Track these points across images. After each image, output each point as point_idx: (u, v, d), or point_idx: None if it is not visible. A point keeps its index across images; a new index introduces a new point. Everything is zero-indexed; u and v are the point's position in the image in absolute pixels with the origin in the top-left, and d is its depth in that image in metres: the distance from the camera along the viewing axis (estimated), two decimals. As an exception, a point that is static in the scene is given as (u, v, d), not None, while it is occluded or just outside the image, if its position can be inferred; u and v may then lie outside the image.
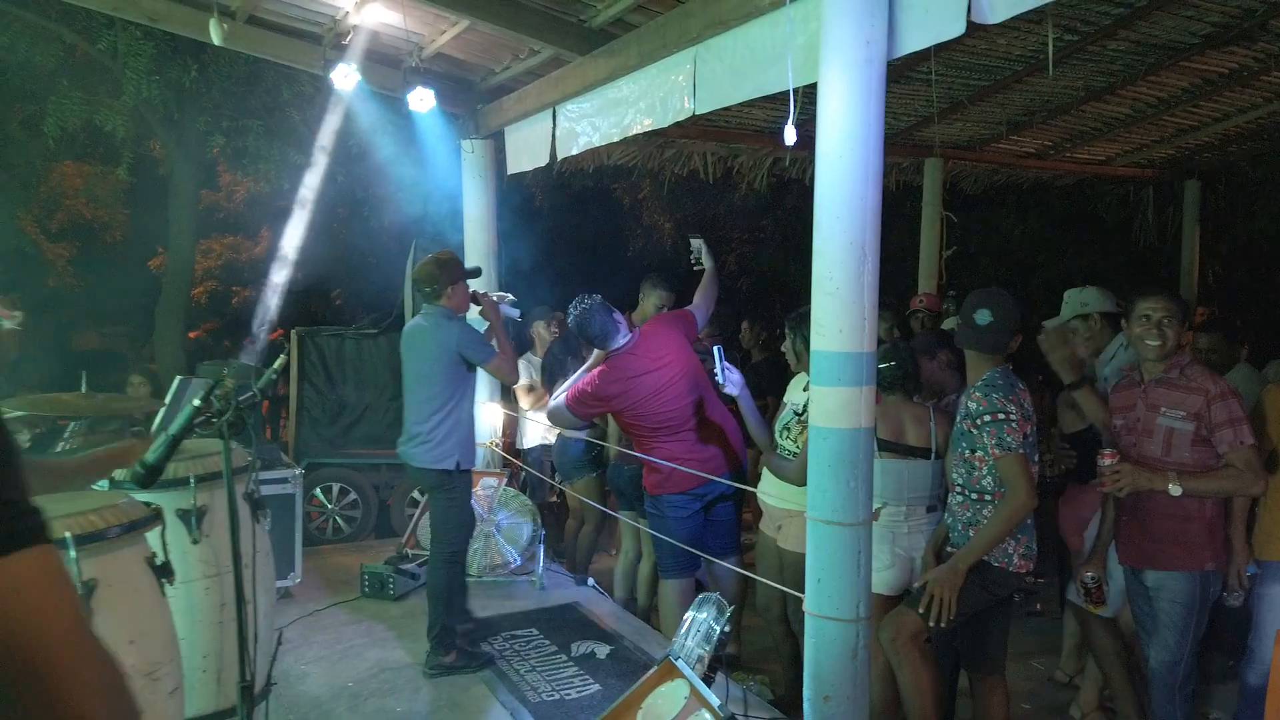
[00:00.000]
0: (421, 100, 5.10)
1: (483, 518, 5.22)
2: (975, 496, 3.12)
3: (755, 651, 4.55)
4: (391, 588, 4.95)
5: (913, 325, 5.97)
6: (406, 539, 5.58)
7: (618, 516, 5.13)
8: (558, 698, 3.78)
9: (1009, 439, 2.98)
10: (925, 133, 6.17)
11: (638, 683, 2.93)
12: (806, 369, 3.59)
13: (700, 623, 3.01)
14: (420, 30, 4.96)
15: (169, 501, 2.70)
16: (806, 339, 3.34)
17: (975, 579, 3.06)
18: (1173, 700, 3.08)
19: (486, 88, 5.61)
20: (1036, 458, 3.20)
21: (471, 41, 5.00)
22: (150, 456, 1.98)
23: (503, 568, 5.28)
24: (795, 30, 2.96)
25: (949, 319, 5.60)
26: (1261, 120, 5.68)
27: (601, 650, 4.21)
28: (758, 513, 4.17)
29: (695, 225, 12.26)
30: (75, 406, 3.69)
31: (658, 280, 4.89)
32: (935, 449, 3.44)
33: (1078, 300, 3.98)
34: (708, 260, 4.48)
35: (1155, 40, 4.42)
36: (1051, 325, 3.92)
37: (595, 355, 4.30)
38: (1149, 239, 8.24)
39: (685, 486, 4.07)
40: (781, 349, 3.95)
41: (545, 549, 5.34)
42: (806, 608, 2.89)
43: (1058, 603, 4.77)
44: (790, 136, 2.84)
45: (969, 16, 2.48)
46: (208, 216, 12.31)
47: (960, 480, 3.18)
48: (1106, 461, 3.04)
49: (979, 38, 4.26)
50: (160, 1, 4.91)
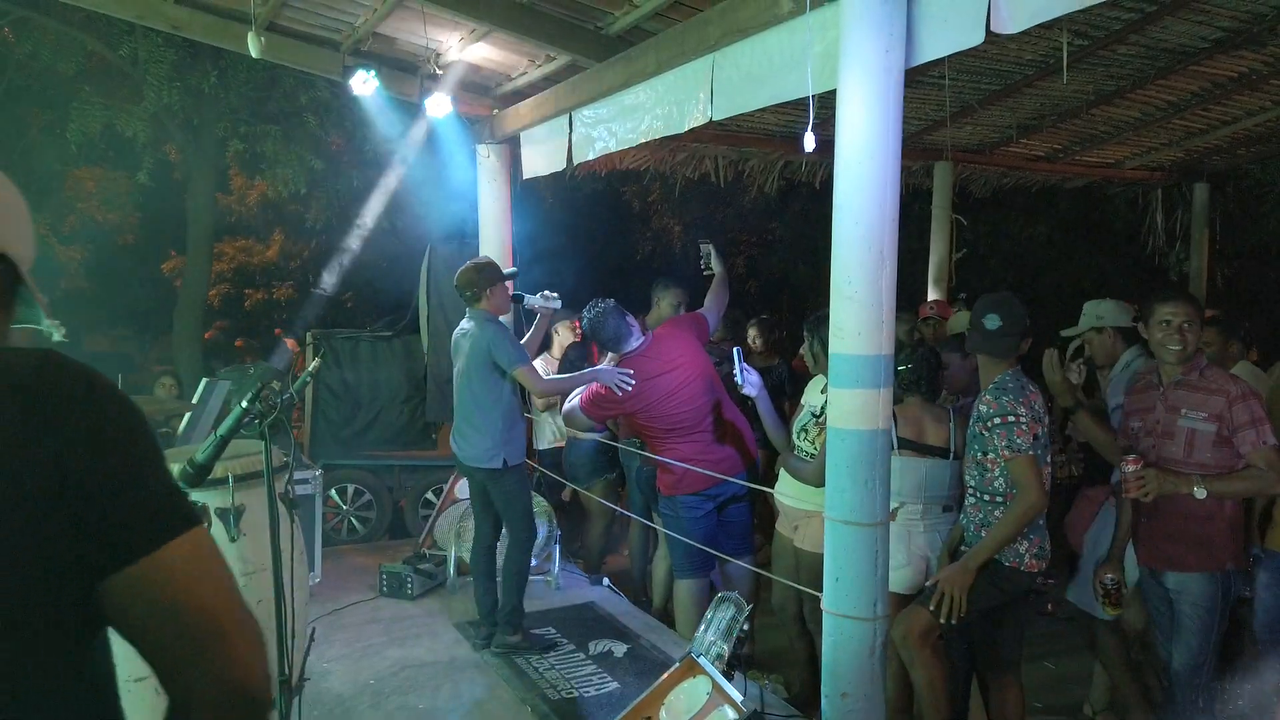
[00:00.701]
0: (438, 105, 5.17)
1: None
2: (987, 498, 3.16)
3: (768, 651, 4.59)
4: (410, 587, 5.01)
5: (923, 331, 5.99)
6: (424, 539, 5.64)
7: (633, 517, 5.19)
8: (576, 695, 3.83)
9: (1019, 441, 3.02)
10: (936, 136, 6.20)
11: (659, 679, 2.99)
12: (825, 371, 3.64)
13: (720, 621, 3.07)
14: (438, 37, 5.03)
15: (212, 500, 2.77)
16: (825, 341, 3.39)
17: (987, 578, 3.10)
18: (1196, 702, 3.10)
19: (503, 93, 5.66)
20: (1049, 459, 3.24)
21: (489, 48, 5.06)
22: (200, 456, 2.04)
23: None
24: (814, 38, 3.01)
25: (954, 320, 5.61)
26: (1271, 123, 5.71)
27: (619, 649, 4.26)
28: (771, 513, 4.22)
29: (705, 228, 12.30)
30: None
31: (669, 281, 4.97)
32: (954, 449, 3.48)
33: (1094, 313, 3.93)
34: (717, 265, 4.55)
35: (1165, 44, 4.46)
36: (1068, 334, 3.94)
37: (609, 359, 4.36)
38: (1158, 242, 8.26)
39: (699, 487, 4.13)
40: (800, 352, 4.00)
41: (560, 549, 5.39)
42: (825, 606, 2.94)
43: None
44: (810, 144, 2.89)
45: (988, 26, 2.53)
46: (221, 219, 12.40)
47: (973, 482, 3.22)
48: (1130, 468, 3.03)
49: (991, 43, 4.29)
50: (183, 9, 4.98)
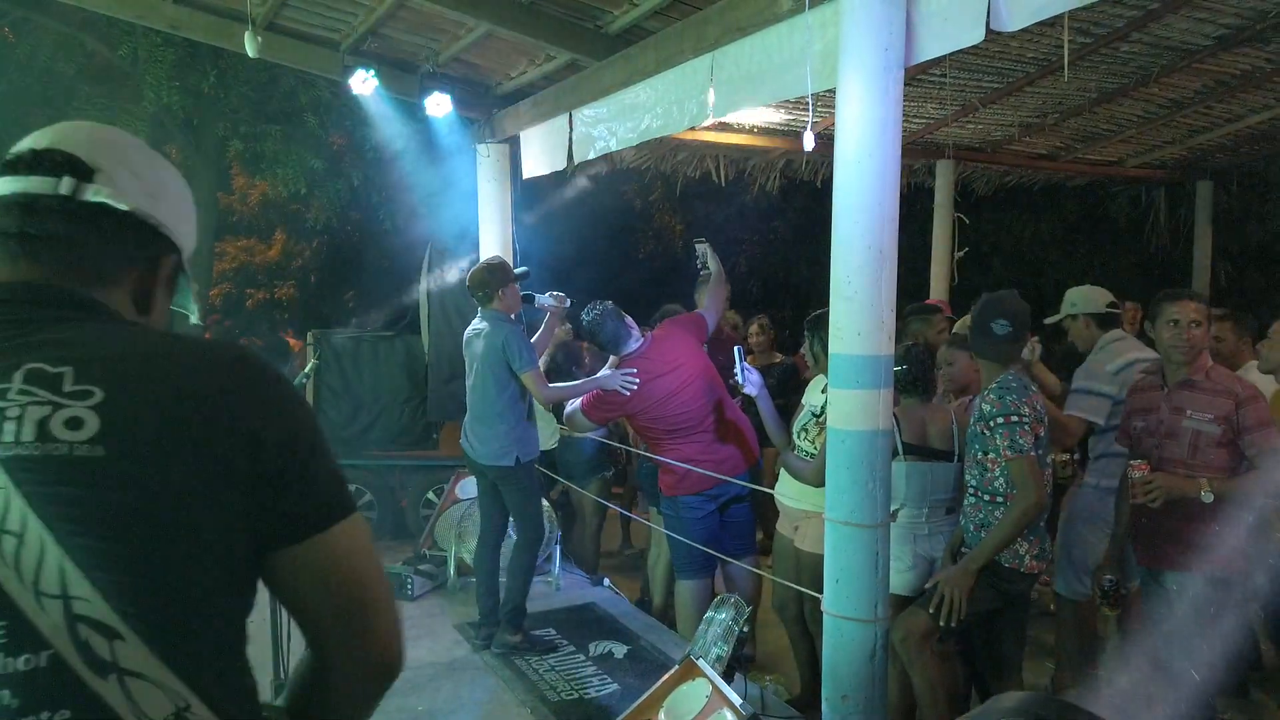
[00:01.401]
0: (438, 105, 5.16)
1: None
2: (988, 498, 3.14)
3: (769, 652, 4.58)
4: (409, 588, 4.99)
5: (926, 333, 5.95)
6: (424, 540, 5.63)
7: (632, 515, 5.18)
8: (577, 697, 3.82)
9: (1021, 441, 3.00)
10: (938, 135, 6.19)
11: (659, 682, 2.97)
12: (825, 371, 3.63)
13: (719, 622, 3.05)
14: (438, 35, 5.02)
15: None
16: (825, 341, 3.38)
17: (987, 580, 3.09)
18: (1198, 703, 3.09)
19: (503, 92, 5.65)
20: (1050, 460, 3.22)
21: (488, 47, 5.05)
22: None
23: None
24: (813, 37, 2.99)
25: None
26: (1274, 121, 5.68)
27: (619, 650, 4.25)
28: (774, 513, 4.21)
29: (706, 227, 12.29)
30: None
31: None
32: (958, 451, 3.46)
33: (1069, 300, 4.06)
34: (714, 263, 4.53)
35: (1168, 42, 4.44)
36: (1049, 321, 4.00)
37: (610, 361, 4.35)
38: (1161, 240, 8.24)
39: (700, 487, 4.11)
40: (801, 351, 3.99)
41: (561, 550, 5.38)
42: (825, 608, 2.92)
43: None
44: (809, 142, 2.88)
45: (988, 24, 2.51)
46: (222, 220, 12.40)
47: (974, 482, 3.20)
48: (1137, 473, 3.03)
49: (992, 41, 4.28)
50: (182, 9, 4.98)
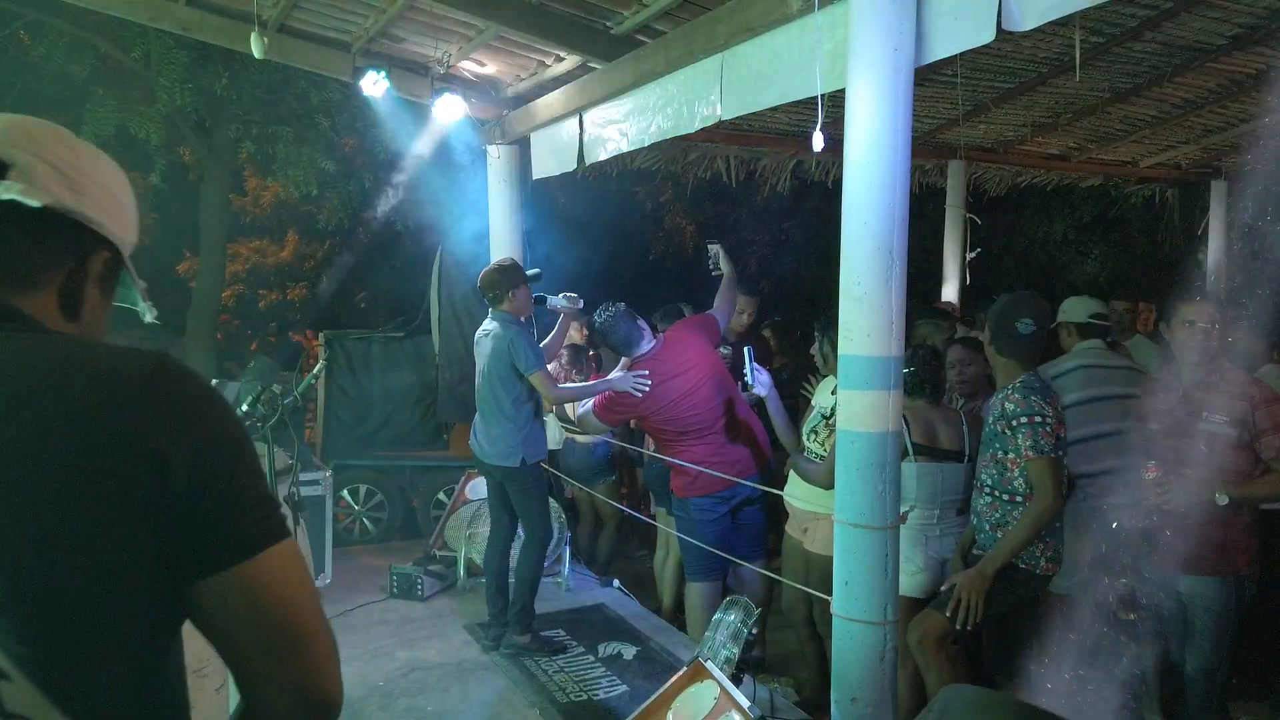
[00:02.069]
0: (449, 107, 5.17)
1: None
2: (1006, 498, 3.11)
3: (780, 654, 4.57)
4: (420, 589, 5.00)
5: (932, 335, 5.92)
6: (434, 540, 5.64)
7: (639, 517, 5.17)
8: (585, 698, 3.81)
9: (1043, 442, 2.97)
10: (949, 135, 6.16)
11: (667, 683, 2.97)
12: (835, 372, 3.61)
13: (728, 624, 3.05)
14: (448, 38, 5.03)
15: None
16: (834, 342, 3.37)
17: (1002, 582, 3.07)
18: (1210, 706, 3.07)
19: (513, 94, 5.66)
20: (1065, 462, 3.20)
21: (498, 49, 5.06)
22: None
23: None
24: (823, 37, 2.98)
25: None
26: (1290, 121, 5.64)
27: (628, 651, 4.24)
28: (784, 515, 4.20)
29: (717, 228, 12.28)
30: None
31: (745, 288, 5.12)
32: (968, 452, 3.45)
33: (1060, 309, 3.96)
34: (725, 265, 4.54)
35: (1182, 41, 4.41)
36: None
37: (622, 363, 4.35)
38: (1174, 240, 8.18)
39: (711, 489, 4.11)
40: (810, 351, 3.98)
41: (570, 551, 5.38)
42: (834, 610, 2.91)
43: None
44: (818, 143, 2.87)
45: (999, 24, 2.50)
46: (234, 221, 12.46)
47: (990, 482, 3.17)
48: (1151, 475, 3.00)
49: (1004, 40, 4.25)
50: (194, 11, 5.00)
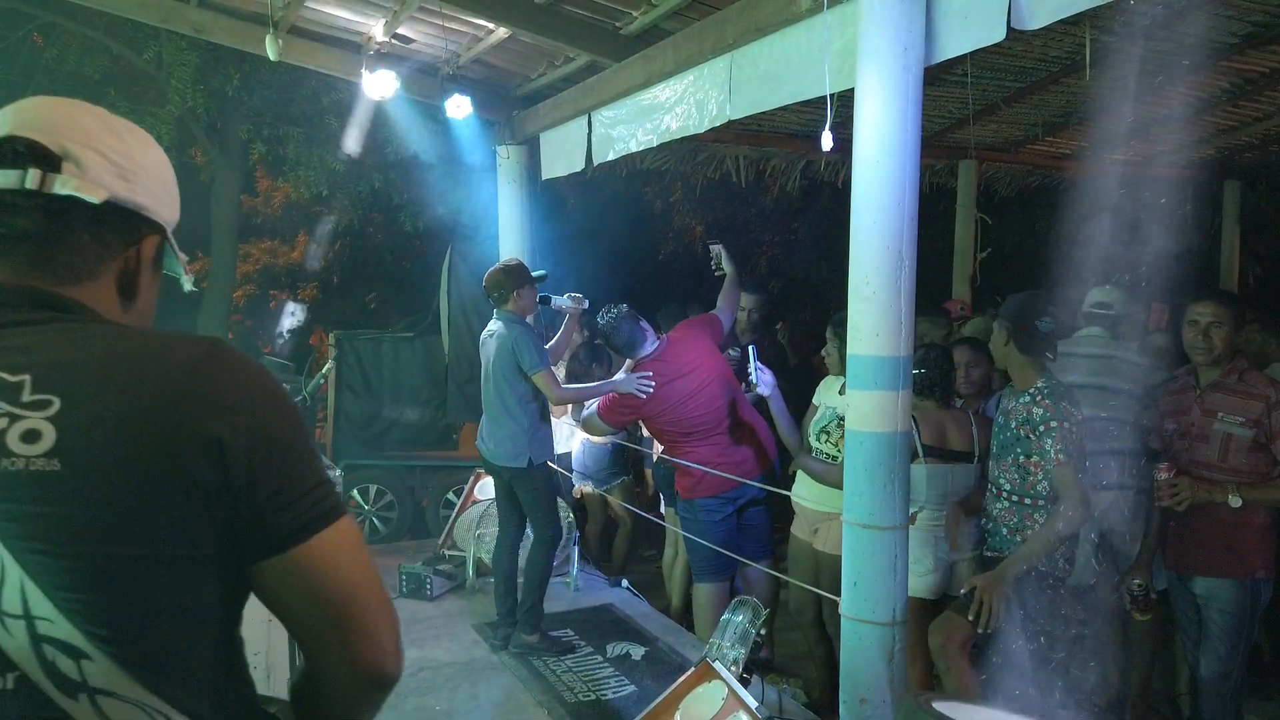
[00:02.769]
0: (458, 107, 5.17)
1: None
2: (1029, 501, 3.07)
3: (788, 655, 4.56)
4: (428, 588, 5.01)
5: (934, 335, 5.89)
6: (443, 540, 5.65)
7: (649, 518, 5.17)
8: (594, 698, 3.82)
9: (1072, 449, 2.95)
10: (959, 134, 6.14)
11: (675, 684, 2.96)
12: (843, 373, 3.60)
13: (736, 625, 3.04)
14: (458, 38, 5.04)
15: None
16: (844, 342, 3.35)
17: (1022, 583, 3.04)
18: (1224, 710, 3.04)
19: (522, 94, 5.67)
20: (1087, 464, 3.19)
21: (508, 49, 5.07)
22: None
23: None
24: (832, 36, 2.98)
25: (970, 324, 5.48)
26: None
27: (637, 651, 4.24)
28: (789, 515, 4.18)
29: (726, 228, 12.27)
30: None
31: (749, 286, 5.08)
32: (978, 452, 3.43)
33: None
34: (728, 265, 4.53)
35: (1194, 40, 4.37)
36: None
37: (626, 364, 4.35)
38: (1187, 240, 8.12)
39: (718, 490, 4.10)
40: (823, 352, 3.97)
41: (579, 551, 5.39)
42: (843, 611, 2.90)
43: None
44: (827, 143, 2.86)
45: (1008, 23, 2.49)
46: (246, 221, 12.52)
47: (1009, 486, 3.13)
48: (1163, 476, 2.98)
49: (1015, 40, 4.23)
50: (206, 13, 5.03)
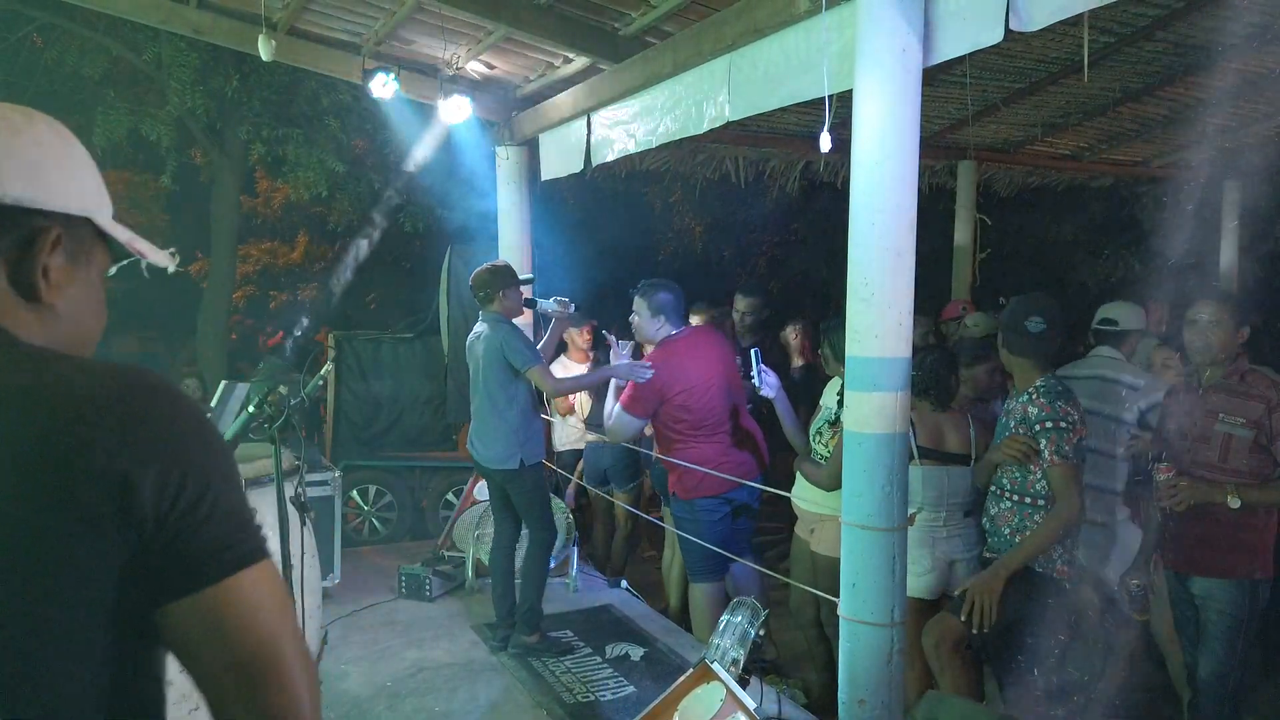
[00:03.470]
0: (457, 109, 5.18)
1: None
2: (1029, 501, 3.08)
3: (788, 656, 4.56)
4: (428, 589, 5.01)
5: (944, 331, 5.91)
6: (442, 540, 5.65)
7: (648, 518, 5.17)
8: (593, 699, 3.81)
9: (1066, 448, 2.96)
10: (959, 135, 6.14)
11: (674, 685, 2.96)
12: (836, 374, 3.61)
13: (734, 626, 3.04)
14: (457, 39, 5.04)
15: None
16: (835, 345, 3.36)
17: (1018, 585, 3.05)
18: (1224, 711, 3.04)
19: (521, 95, 5.67)
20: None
21: (507, 50, 5.07)
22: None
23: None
24: (830, 38, 2.98)
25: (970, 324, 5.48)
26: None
27: (636, 652, 4.24)
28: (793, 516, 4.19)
29: (726, 228, 12.26)
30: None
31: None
32: (975, 454, 3.43)
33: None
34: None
35: (1194, 41, 4.38)
36: None
37: (625, 350, 4.31)
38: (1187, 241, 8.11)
39: (719, 490, 4.10)
40: (819, 352, 3.97)
41: (578, 552, 5.39)
42: (841, 612, 2.90)
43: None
44: (826, 144, 2.86)
45: (1007, 24, 2.49)
46: (245, 222, 12.53)
47: (1009, 485, 3.14)
48: (1163, 476, 2.99)
49: (1014, 40, 4.23)
50: (205, 14, 5.03)
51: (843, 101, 2.96)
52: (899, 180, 2.70)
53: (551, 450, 6.05)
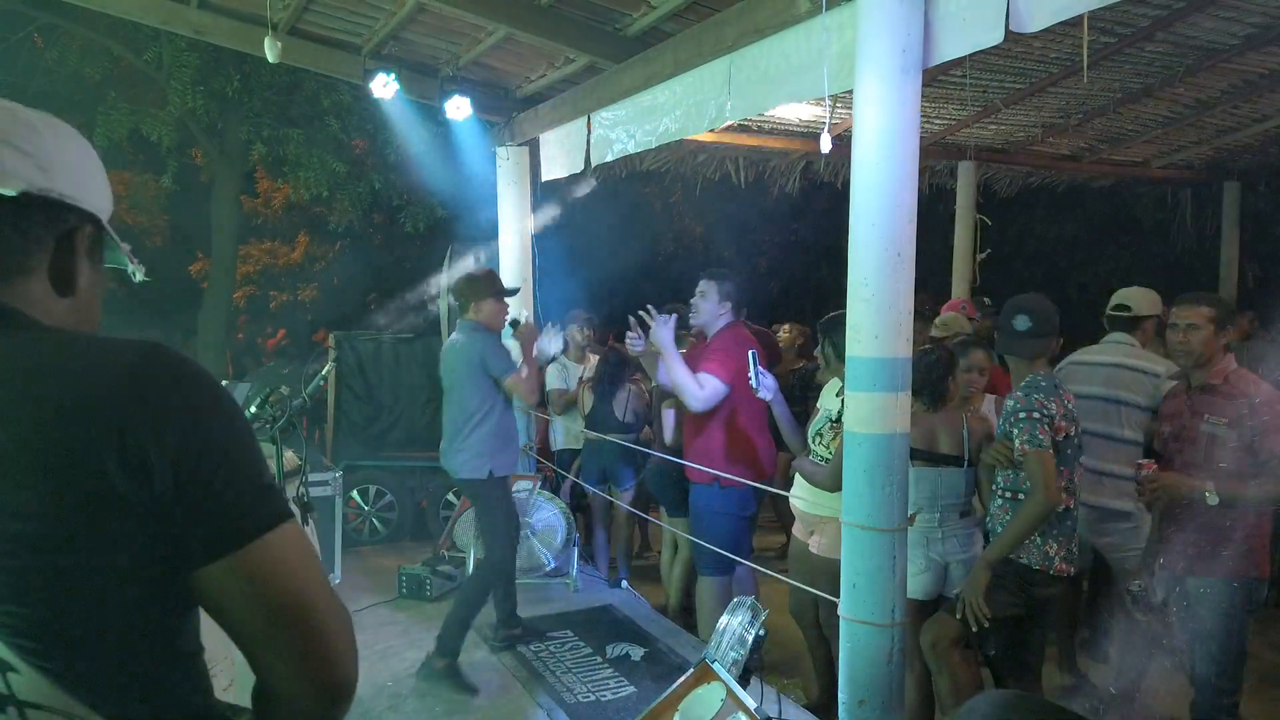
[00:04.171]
0: (458, 108, 5.18)
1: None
2: (1021, 497, 3.10)
3: (787, 656, 4.56)
4: (429, 589, 5.02)
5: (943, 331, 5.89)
6: (442, 541, 5.65)
7: (647, 518, 5.17)
8: (594, 699, 3.82)
9: (1040, 436, 2.97)
10: (958, 136, 6.14)
11: (674, 685, 2.96)
12: (837, 374, 3.61)
13: (735, 626, 3.04)
14: (458, 39, 5.04)
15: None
16: (837, 344, 3.36)
17: (1015, 583, 3.06)
18: (1220, 710, 3.05)
19: (522, 95, 5.67)
20: (1081, 460, 3.19)
21: (508, 50, 5.07)
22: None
23: (537, 570, 5.33)
24: (831, 38, 2.98)
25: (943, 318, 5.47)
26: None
27: (636, 652, 4.24)
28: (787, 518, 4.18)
29: (726, 229, 12.26)
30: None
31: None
32: (968, 456, 3.43)
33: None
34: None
35: (1194, 42, 4.38)
36: None
37: (722, 332, 4.13)
38: (1187, 241, 8.13)
39: (758, 478, 4.10)
40: (815, 353, 3.97)
41: (579, 551, 5.39)
42: (842, 612, 2.91)
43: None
44: (826, 144, 2.86)
45: (1007, 25, 2.49)
46: (246, 222, 12.54)
47: (1003, 484, 3.18)
48: (1144, 472, 3.02)
49: (1014, 41, 4.25)
50: (206, 15, 5.03)
51: (843, 102, 2.96)
52: (899, 180, 2.70)
53: (549, 450, 6.06)
